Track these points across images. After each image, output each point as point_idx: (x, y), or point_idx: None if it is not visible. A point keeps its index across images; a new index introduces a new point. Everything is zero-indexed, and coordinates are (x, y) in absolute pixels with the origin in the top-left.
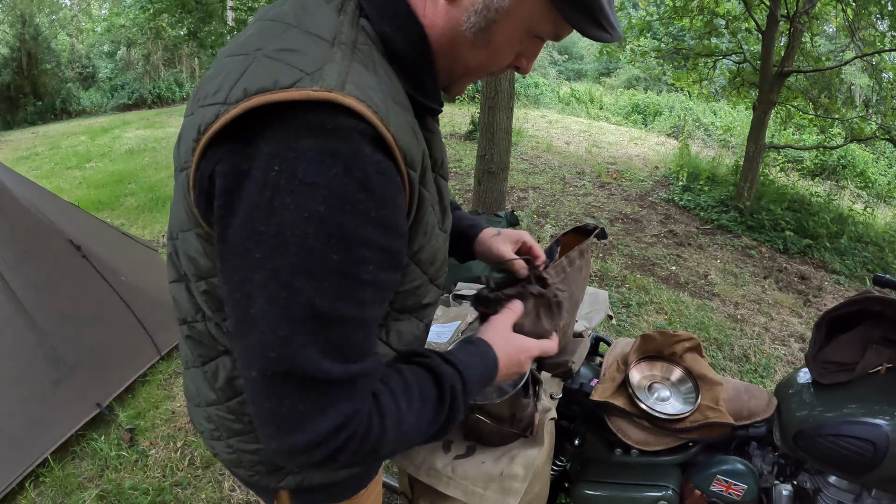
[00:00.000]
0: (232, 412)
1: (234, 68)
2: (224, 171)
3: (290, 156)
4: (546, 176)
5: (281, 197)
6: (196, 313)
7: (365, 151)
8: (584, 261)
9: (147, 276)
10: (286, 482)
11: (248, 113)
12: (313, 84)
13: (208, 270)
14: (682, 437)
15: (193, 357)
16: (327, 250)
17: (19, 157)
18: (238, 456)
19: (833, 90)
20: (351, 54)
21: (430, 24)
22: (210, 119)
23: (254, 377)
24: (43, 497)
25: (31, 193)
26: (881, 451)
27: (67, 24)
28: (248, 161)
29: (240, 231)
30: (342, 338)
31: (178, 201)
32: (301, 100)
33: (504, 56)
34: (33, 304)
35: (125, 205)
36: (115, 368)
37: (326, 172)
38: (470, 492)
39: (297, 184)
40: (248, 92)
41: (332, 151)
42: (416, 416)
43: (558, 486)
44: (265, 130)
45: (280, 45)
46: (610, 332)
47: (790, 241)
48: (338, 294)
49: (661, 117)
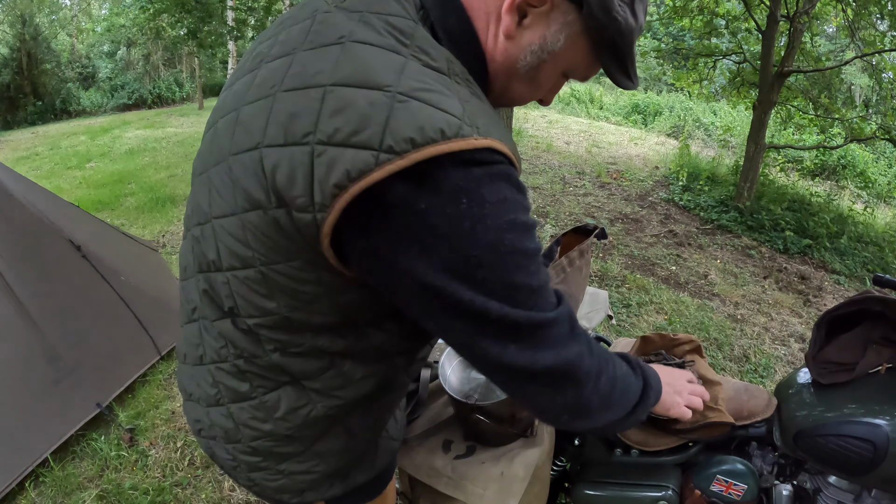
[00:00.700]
0: (289, 438)
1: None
2: (400, 213)
3: (471, 186)
4: (546, 176)
5: (482, 221)
6: (257, 347)
7: (510, 170)
8: (584, 261)
9: (147, 276)
10: (333, 491)
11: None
12: (472, 132)
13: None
14: (682, 437)
15: (252, 388)
16: (526, 243)
17: (19, 157)
18: (288, 479)
19: (833, 90)
20: (469, 91)
21: (490, 56)
22: (363, 167)
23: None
24: (43, 497)
25: (31, 193)
26: (881, 451)
27: (67, 24)
28: (425, 200)
29: (452, 263)
30: (545, 295)
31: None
32: (469, 148)
33: (541, 91)
34: (33, 304)
35: (125, 205)
36: (115, 368)
37: (502, 188)
38: (470, 492)
39: (488, 206)
40: (416, 143)
41: (497, 174)
42: (621, 367)
43: (558, 486)
44: (439, 171)
45: (414, 84)
46: (610, 332)
47: (790, 241)
48: (533, 269)
49: (661, 117)
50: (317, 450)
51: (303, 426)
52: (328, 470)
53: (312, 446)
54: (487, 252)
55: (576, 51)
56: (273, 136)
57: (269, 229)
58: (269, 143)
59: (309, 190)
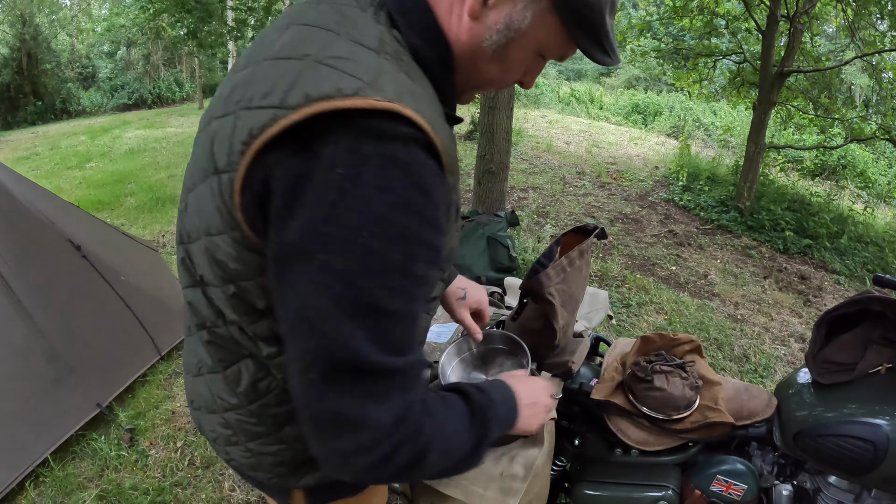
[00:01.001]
0: (254, 415)
1: (285, 72)
2: (283, 175)
3: (354, 160)
4: (546, 176)
5: (347, 200)
6: (217, 318)
7: (420, 157)
8: (584, 261)
9: (147, 276)
10: (305, 481)
11: (309, 118)
12: (375, 93)
13: (239, 274)
14: (682, 437)
15: (214, 362)
16: (390, 249)
17: (19, 157)
18: (258, 459)
19: (833, 90)
20: (398, 66)
21: (454, 38)
22: (265, 122)
23: (313, 379)
24: (43, 497)
25: (31, 193)
26: (881, 451)
27: (67, 24)
28: (308, 165)
29: (301, 234)
30: (399, 332)
31: (206, 205)
32: (365, 108)
33: (515, 72)
34: (33, 304)
35: (125, 205)
36: (115, 368)
37: (389, 177)
38: (470, 492)
39: (361, 187)
40: (309, 98)
41: (393, 157)
42: (455, 423)
43: (558, 486)
44: (327, 136)
45: (332, 52)
46: (610, 332)
47: (790, 241)
48: (396, 290)
49: (661, 117)
50: (283, 435)
51: (266, 405)
52: (297, 457)
53: (279, 431)
54: (340, 236)
55: (545, 28)
56: (218, 109)
57: (210, 198)
58: (216, 115)
59: (227, 152)
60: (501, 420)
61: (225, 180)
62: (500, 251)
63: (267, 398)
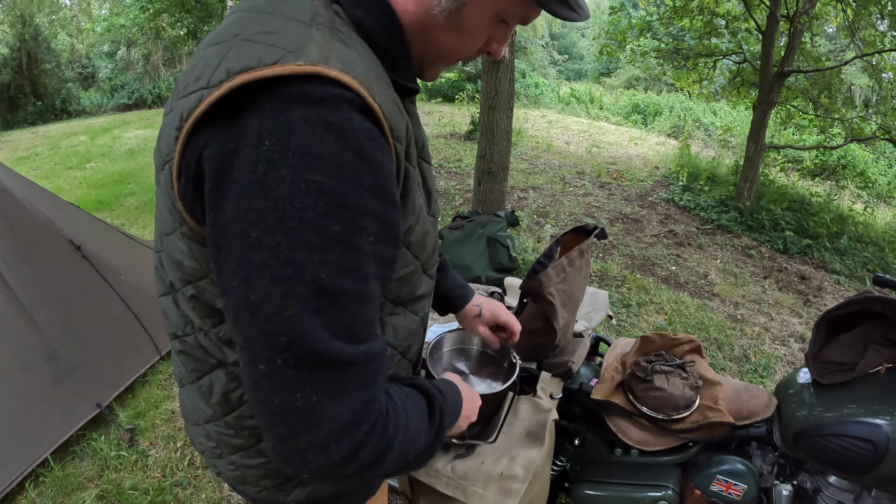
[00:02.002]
0: (230, 427)
1: (214, 55)
2: (212, 153)
3: (280, 129)
4: (546, 176)
5: (276, 171)
6: (185, 325)
7: (355, 119)
8: (584, 261)
9: (147, 276)
10: (294, 495)
11: (232, 93)
12: (297, 59)
13: (194, 273)
14: (682, 437)
15: (187, 373)
16: (328, 221)
17: (19, 157)
18: (242, 472)
19: (833, 90)
20: (330, 34)
21: (402, 9)
22: (193, 104)
23: (262, 370)
24: (43, 497)
25: (31, 193)
26: (881, 451)
27: (67, 24)
28: (235, 140)
29: (234, 212)
30: (350, 315)
31: (162, 203)
32: (286, 75)
33: (475, 40)
34: (33, 304)
35: (125, 205)
36: (115, 368)
37: (319, 142)
38: (470, 492)
39: (290, 155)
40: (230, 72)
41: (322, 121)
42: (416, 424)
43: (558, 486)
44: (251, 107)
45: (258, 29)
46: (610, 332)
47: (790, 241)
48: (342, 267)
49: (661, 117)
50: (263, 447)
51: (241, 416)
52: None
53: (258, 443)
54: (272, 209)
55: None
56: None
57: (162, 195)
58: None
59: (166, 144)
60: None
61: (166, 172)
62: (500, 251)
63: (241, 409)
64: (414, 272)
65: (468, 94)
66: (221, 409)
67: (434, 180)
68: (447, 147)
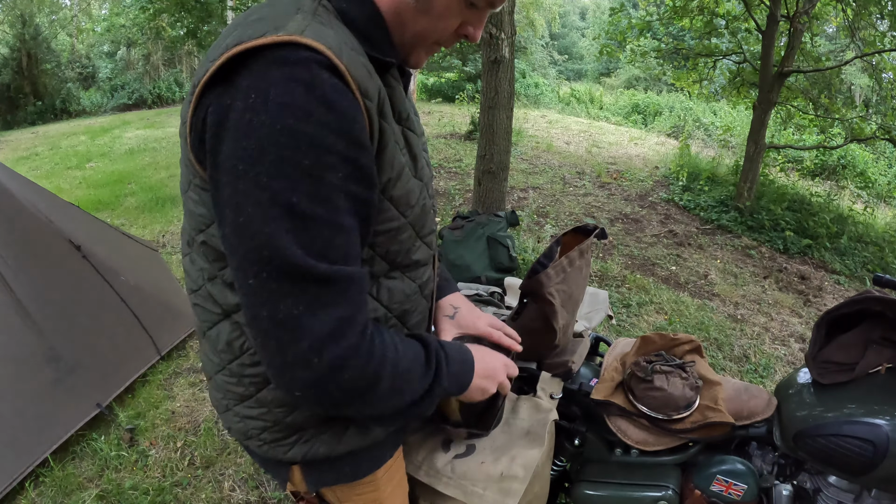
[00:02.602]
0: (234, 375)
1: (223, 38)
2: (214, 109)
3: (262, 84)
4: (546, 176)
5: (258, 116)
6: (199, 277)
7: (322, 76)
8: (584, 261)
9: (147, 276)
10: (293, 453)
11: (230, 62)
12: (277, 32)
13: (204, 220)
14: (682, 437)
15: (200, 323)
16: (298, 156)
17: (19, 157)
18: (245, 424)
19: (833, 90)
20: (311, 17)
21: None
22: (201, 75)
23: (251, 285)
24: (43, 497)
25: (31, 193)
26: (881, 451)
27: (67, 24)
28: (230, 97)
29: (227, 152)
30: (323, 239)
31: (182, 165)
32: (269, 43)
33: (446, 22)
34: (33, 304)
35: (125, 205)
36: (115, 368)
37: (292, 93)
38: (469, 492)
39: (269, 104)
40: (229, 47)
41: (294, 77)
42: (408, 362)
43: (558, 486)
44: (243, 71)
45: (253, 18)
46: (610, 332)
47: (790, 241)
48: (312, 196)
49: (661, 117)
50: (262, 398)
51: (243, 364)
52: (279, 422)
53: (257, 393)
54: (255, 147)
55: None
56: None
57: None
58: None
59: (184, 111)
60: (454, 376)
61: (183, 132)
62: (500, 251)
63: (242, 358)
64: (401, 229)
65: (468, 94)
66: (226, 357)
67: (421, 148)
68: (447, 147)
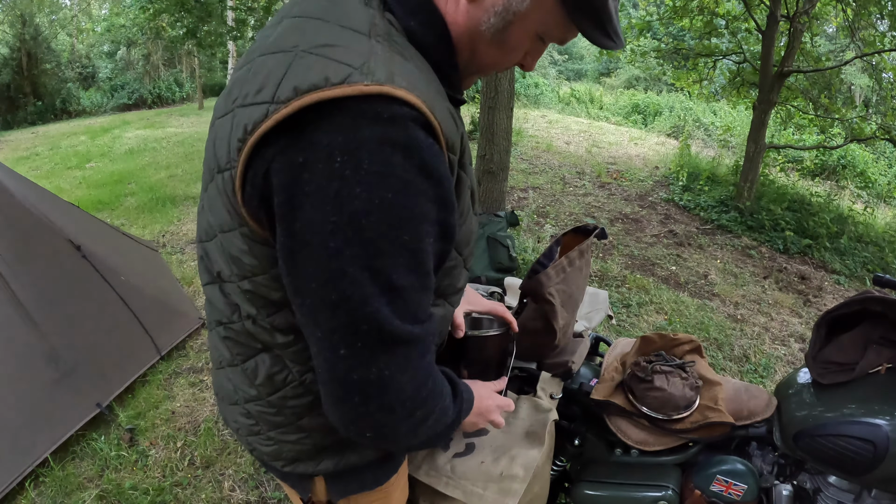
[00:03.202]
0: (273, 406)
1: (276, 66)
2: (281, 167)
3: (351, 146)
4: (546, 176)
5: (349, 186)
6: (233, 314)
7: (419, 137)
8: (584, 261)
9: (147, 276)
10: (324, 465)
11: (301, 110)
12: (364, 78)
13: (253, 269)
14: (682, 437)
15: (232, 356)
16: (399, 232)
17: (19, 157)
18: (278, 448)
19: (833, 90)
20: (389, 46)
21: (451, 21)
22: (258, 118)
23: (342, 355)
24: (43, 497)
25: (31, 193)
26: (881, 451)
27: (67, 24)
28: (304, 153)
29: (310, 224)
30: (415, 303)
31: (218, 203)
32: (357, 95)
33: (514, 55)
34: (33, 304)
35: (125, 205)
36: (115, 368)
37: (389, 160)
38: (469, 492)
39: (363, 173)
40: (299, 90)
41: (391, 139)
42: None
43: (558, 486)
44: (321, 123)
45: (319, 41)
46: (610, 332)
47: (790, 241)
48: (410, 267)
49: (661, 117)
50: (303, 424)
51: (285, 397)
52: (317, 444)
53: (298, 421)
54: (348, 223)
55: (544, 11)
56: (220, 109)
57: (217, 196)
58: (219, 115)
59: (227, 150)
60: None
61: (227, 178)
62: (500, 251)
63: (284, 391)
64: (456, 266)
65: (468, 95)
66: (265, 390)
67: (475, 180)
68: None
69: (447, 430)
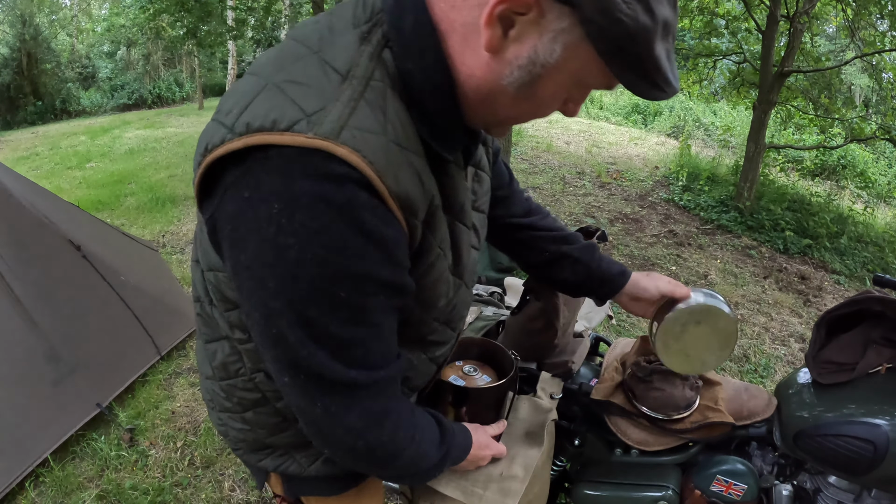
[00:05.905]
0: (223, 391)
1: (247, 91)
2: (233, 197)
3: (286, 197)
4: (546, 176)
5: (284, 237)
6: (204, 296)
7: (360, 197)
8: None
9: (147, 276)
10: (265, 464)
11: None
12: (309, 129)
13: (213, 263)
14: (682, 437)
15: (201, 333)
16: (334, 288)
17: (19, 157)
18: (226, 429)
19: (833, 90)
20: (361, 92)
21: (467, 73)
22: (217, 141)
23: (286, 382)
24: (43, 497)
25: (31, 193)
26: (881, 451)
27: (67, 24)
28: (248, 190)
29: (255, 258)
30: (363, 353)
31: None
32: (296, 146)
33: (549, 106)
34: (33, 304)
35: (125, 205)
36: (115, 368)
37: (321, 217)
38: (469, 492)
39: (297, 226)
40: (250, 127)
41: (325, 198)
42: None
43: (558, 486)
44: (266, 164)
45: (290, 76)
46: (610, 332)
47: (790, 241)
48: (351, 321)
49: (661, 117)
50: (247, 417)
51: (235, 387)
52: (259, 440)
53: (243, 412)
54: (285, 270)
55: (580, 62)
56: None
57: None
58: None
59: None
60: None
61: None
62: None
63: (235, 381)
64: (424, 322)
65: None
66: (219, 374)
67: (468, 241)
68: None
69: (428, 471)
